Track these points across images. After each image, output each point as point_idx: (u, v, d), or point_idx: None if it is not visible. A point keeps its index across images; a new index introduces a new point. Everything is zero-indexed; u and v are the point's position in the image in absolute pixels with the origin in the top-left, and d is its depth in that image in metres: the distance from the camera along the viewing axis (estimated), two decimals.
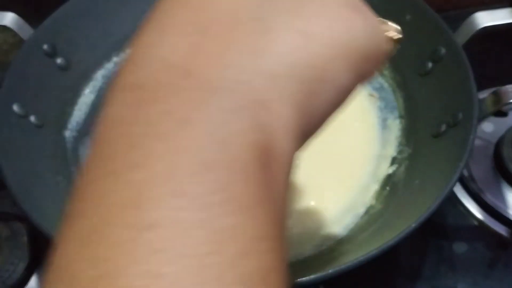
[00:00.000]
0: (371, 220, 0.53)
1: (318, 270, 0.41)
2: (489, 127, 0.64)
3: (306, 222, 0.54)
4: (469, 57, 0.53)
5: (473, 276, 0.56)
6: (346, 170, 0.59)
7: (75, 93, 0.63)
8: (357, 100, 0.64)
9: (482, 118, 0.50)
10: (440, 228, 0.60)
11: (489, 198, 0.60)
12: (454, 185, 0.44)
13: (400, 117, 0.61)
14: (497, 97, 0.49)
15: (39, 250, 0.57)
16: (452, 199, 0.61)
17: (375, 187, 0.57)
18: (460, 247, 0.58)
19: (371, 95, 0.64)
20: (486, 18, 0.54)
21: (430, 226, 0.59)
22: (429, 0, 0.60)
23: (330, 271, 0.39)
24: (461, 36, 0.55)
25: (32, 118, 0.55)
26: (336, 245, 0.51)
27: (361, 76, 0.24)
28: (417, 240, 0.58)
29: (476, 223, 0.59)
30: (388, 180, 0.56)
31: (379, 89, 0.65)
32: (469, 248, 0.58)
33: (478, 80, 0.51)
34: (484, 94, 0.53)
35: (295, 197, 0.56)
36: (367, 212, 0.55)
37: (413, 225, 0.41)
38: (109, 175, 0.17)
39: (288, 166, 0.21)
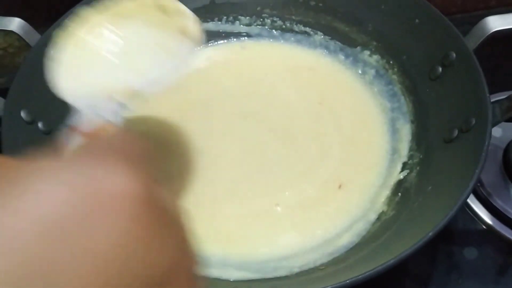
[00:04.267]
0: (383, 227, 0.52)
1: (332, 279, 0.40)
2: (498, 132, 0.64)
3: (318, 229, 0.54)
4: (479, 61, 0.53)
5: (483, 282, 0.55)
6: (357, 176, 0.58)
7: None
8: (367, 105, 0.64)
9: (495, 123, 0.49)
10: (449, 233, 0.59)
11: (498, 203, 0.59)
12: (470, 192, 0.44)
13: (411, 121, 0.61)
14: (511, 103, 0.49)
15: None
16: None
17: (386, 193, 0.56)
18: (470, 253, 0.57)
19: None
20: (498, 22, 0.54)
21: (440, 231, 0.59)
22: (435, 5, 0.59)
23: (347, 281, 0.38)
24: (472, 41, 0.55)
25: (40, 125, 0.55)
26: (349, 253, 0.51)
27: None
28: (426, 245, 0.58)
29: (485, 228, 0.59)
30: (400, 186, 0.56)
31: (389, 93, 0.65)
32: (479, 254, 0.57)
33: (488, 85, 0.51)
34: (494, 99, 0.53)
35: (306, 204, 0.56)
36: (379, 218, 0.54)
37: (430, 233, 0.41)
38: None
39: None
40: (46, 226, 0.18)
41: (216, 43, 0.73)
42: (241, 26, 0.72)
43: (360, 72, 0.68)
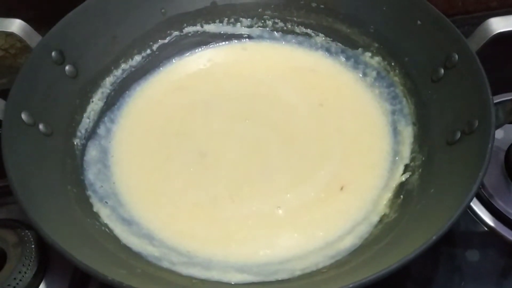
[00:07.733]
0: (385, 230, 0.52)
1: (335, 283, 0.40)
2: (500, 134, 0.64)
3: (320, 231, 0.54)
4: (481, 63, 0.52)
5: (486, 284, 0.55)
6: (358, 178, 0.58)
7: (84, 101, 0.62)
8: (368, 107, 0.64)
9: (498, 126, 0.49)
10: (451, 236, 0.59)
11: (500, 205, 0.59)
12: (474, 195, 0.43)
13: (413, 124, 0.60)
14: None
15: (47, 258, 0.56)
16: None
17: (388, 195, 0.56)
18: (472, 255, 0.57)
19: None
20: (501, 24, 0.53)
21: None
22: (435, 6, 0.59)
23: (351, 285, 0.38)
24: (475, 42, 0.55)
25: (41, 127, 0.54)
26: (352, 256, 0.51)
27: None
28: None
29: (487, 230, 0.59)
30: (402, 188, 0.56)
31: (391, 95, 0.64)
32: (481, 256, 0.57)
33: (491, 87, 0.50)
34: (497, 101, 0.52)
35: (308, 207, 0.56)
36: (381, 221, 0.54)
37: (434, 237, 0.40)
38: None
39: None
40: None
41: (217, 44, 0.72)
42: (243, 27, 0.72)
43: (361, 74, 0.68)
